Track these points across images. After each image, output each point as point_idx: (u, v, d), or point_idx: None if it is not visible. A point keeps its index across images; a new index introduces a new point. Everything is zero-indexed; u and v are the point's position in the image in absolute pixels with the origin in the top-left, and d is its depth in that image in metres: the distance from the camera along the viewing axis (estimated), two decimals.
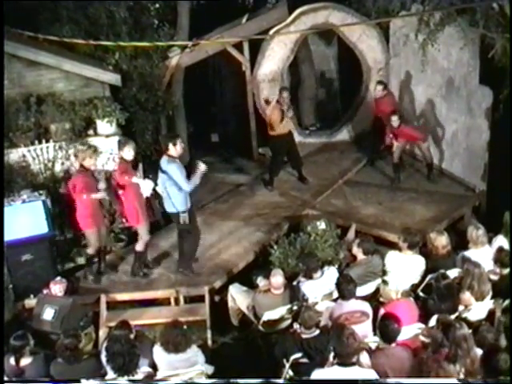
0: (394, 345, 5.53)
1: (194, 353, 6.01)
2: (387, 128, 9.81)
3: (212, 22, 10.48)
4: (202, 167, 7.38)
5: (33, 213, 7.65)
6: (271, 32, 10.40)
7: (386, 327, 5.54)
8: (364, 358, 5.37)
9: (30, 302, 7.50)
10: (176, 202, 7.51)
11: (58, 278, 7.40)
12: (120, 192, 7.75)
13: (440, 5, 8.73)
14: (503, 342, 5.54)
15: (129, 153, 7.60)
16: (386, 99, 10.08)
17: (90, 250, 7.89)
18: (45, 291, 7.30)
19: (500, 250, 6.83)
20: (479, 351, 5.30)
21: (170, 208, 7.64)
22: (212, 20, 10.44)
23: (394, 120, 9.57)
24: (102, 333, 7.34)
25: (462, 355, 5.15)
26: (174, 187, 7.43)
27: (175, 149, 7.43)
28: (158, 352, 5.96)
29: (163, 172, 7.46)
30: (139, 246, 7.96)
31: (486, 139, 9.27)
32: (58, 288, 7.23)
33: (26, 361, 5.90)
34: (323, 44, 12.10)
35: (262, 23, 10.54)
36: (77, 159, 7.92)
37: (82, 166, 7.64)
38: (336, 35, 11.46)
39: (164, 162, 7.48)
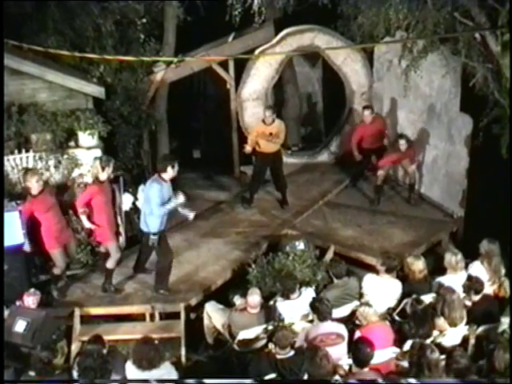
0: (366, 369, 5.52)
1: (167, 370, 5.93)
2: (388, 151, 9.88)
3: (198, 39, 10.54)
4: (190, 216, 7.55)
5: (9, 223, 7.53)
6: (257, 52, 10.48)
7: (358, 351, 5.53)
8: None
9: None
10: (150, 222, 7.48)
11: (32, 290, 7.29)
12: (91, 209, 7.66)
13: (424, 33, 8.86)
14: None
15: (104, 174, 7.56)
16: (376, 123, 10.12)
17: (56, 271, 7.78)
18: (17, 303, 7.18)
19: (469, 278, 6.78)
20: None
21: (142, 226, 7.62)
22: (198, 37, 10.49)
23: (402, 144, 9.66)
24: (75, 347, 7.25)
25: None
26: (150, 207, 7.42)
27: (173, 171, 7.42)
28: (131, 369, 5.88)
29: (144, 189, 7.46)
30: (110, 264, 7.85)
31: (465, 166, 9.38)
32: (31, 300, 7.12)
33: None
34: (308, 66, 12.21)
35: (248, 42, 10.62)
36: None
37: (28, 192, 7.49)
38: (321, 58, 11.58)
39: (150, 181, 7.46)
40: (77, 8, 9.57)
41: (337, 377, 5.41)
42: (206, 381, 5.36)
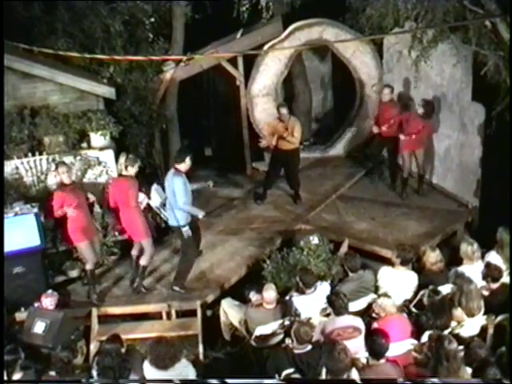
0: (383, 361, 5.52)
1: (184, 367, 5.95)
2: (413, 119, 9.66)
3: (207, 37, 10.53)
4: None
5: (25, 225, 7.62)
6: (266, 47, 10.46)
7: (373, 343, 5.54)
8: (353, 374, 5.35)
9: (21, 315, 7.45)
10: (178, 215, 7.52)
11: (50, 291, 7.37)
12: (122, 208, 7.70)
13: (433, 22, 8.80)
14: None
15: (127, 172, 7.62)
16: (391, 105, 10.00)
17: (88, 265, 7.74)
18: (36, 304, 7.26)
19: (488, 265, 6.82)
20: (468, 369, 5.30)
21: (172, 221, 7.66)
22: (207, 34, 10.49)
23: (419, 107, 9.45)
24: (93, 347, 7.31)
25: (451, 371, 5.14)
26: (177, 201, 7.44)
27: (190, 163, 7.50)
28: (148, 368, 5.91)
29: (169, 185, 7.49)
30: (145, 261, 7.85)
31: (479, 155, 9.32)
32: (49, 301, 7.19)
33: (16, 376, 5.84)
34: (317, 59, 12.17)
35: (256, 38, 10.60)
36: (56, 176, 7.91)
37: (61, 182, 7.61)
38: (330, 51, 11.54)
39: (170, 174, 7.53)
40: (85, 9, 9.62)
41: (354, 370, 5.41)
42: (228, 381, 5.36)
